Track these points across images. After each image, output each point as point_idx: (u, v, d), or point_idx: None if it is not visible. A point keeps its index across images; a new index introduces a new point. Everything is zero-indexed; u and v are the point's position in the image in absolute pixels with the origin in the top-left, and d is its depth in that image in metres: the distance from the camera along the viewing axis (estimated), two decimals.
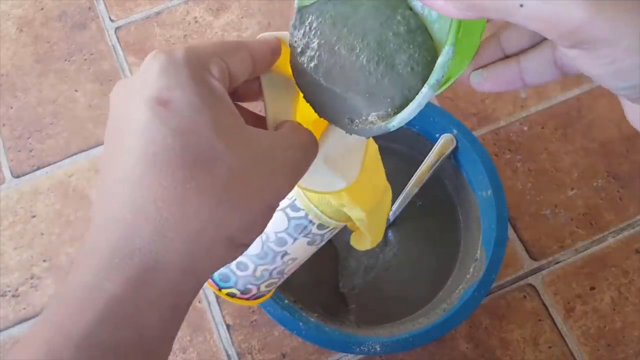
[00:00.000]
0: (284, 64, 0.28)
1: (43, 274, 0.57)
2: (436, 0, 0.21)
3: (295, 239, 0.37)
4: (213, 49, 0.24)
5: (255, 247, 0.38)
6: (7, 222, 0.59)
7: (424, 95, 0.23)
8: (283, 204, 0.35)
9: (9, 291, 0.56)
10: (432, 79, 0.23)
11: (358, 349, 0.47)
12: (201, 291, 0.56)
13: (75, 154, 0.62)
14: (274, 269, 0.39)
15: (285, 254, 0.38)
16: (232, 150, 0.22)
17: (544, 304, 0.54)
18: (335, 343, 0.47)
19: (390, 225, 0.55)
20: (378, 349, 0.46)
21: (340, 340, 0.47)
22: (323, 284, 0.54)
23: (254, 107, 0.29)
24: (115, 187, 0.22)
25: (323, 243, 0.39)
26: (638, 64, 0.19)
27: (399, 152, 0.58)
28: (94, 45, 0.67)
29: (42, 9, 0.69)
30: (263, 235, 0.37)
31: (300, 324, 0.47)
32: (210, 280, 0.40)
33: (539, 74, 0.27)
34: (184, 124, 0.22)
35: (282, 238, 0.37)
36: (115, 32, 0.68)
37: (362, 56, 0.25)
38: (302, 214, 0.35)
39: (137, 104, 0.22)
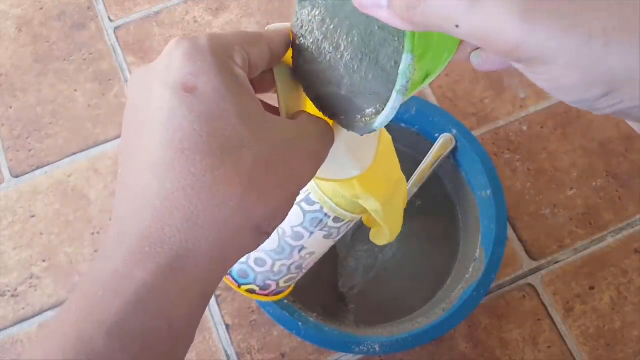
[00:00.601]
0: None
1: (42, 273, 0.57)
2: (381, 12, 0.21)
3: (311, 233, 0.37)
4: (236, 39, 0.24)
5: (272, 243, 0.38)
6: (7, 222, 0.59)
7: (394, 100, 0.23)
8: (298, 198, 0.35)
9: (8, 291, 0.56)
10: (398, 84, 0.23)
11: (357, 348, 0.47)
12: None
13: (75, 153, 0.62)
14: (292, 263, 0.39)
15: (302, 248, 0.38)
16: (257, 138, 0.22)
17: (543, 304, 0.54)
18: (335, 343, 0.47)
19: None
20: (377, 348, 0.46)
21: (339, 340, 0.47)
22: (322, 283, 0.54)
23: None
24: (141, 175, 0.22)
25: (340, 236, 0.39)
26: (576, 82, 0.19)
27: (398, 151, 0.57)
28: (93, 45, 0.67)
29: (42, 8, 0.69)
30: (279, 230, 0.38)
31: (300, 323, 0.47)
32: (228, 276, 0.40)
33: None
34: (210, 110, 0.22)
35: (299, 232, 0.37)
36: (114, 32, 0.68)
37: (347, 54, 0.25)
38: (317, 207, 0.36)
39: (161, 91, 0.22)
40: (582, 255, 0.56)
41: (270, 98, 0.29)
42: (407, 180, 0.54)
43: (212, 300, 0.55)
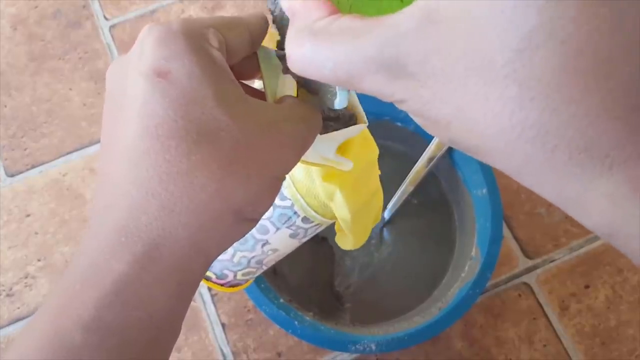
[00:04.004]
0: (272, 38, 0.28)
1: (37, 273, 0.57)
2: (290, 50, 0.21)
3: (277, 229, 0.36)
4: (211, 21, 0.24)
5: None
6: (2, 221, 0.59)
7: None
8: None
9: (3, 290, 0.56)
10: None
11: (353, 347, 0.47)
12: (196, 291, 0.55)
13: (70, 152, 0.62)
14: (253, 257, 0.38)
15: (266, 243, 0.37)
16: (236, 121, 0.22)
17: (538, 303, 0.55)
18: (331, 342, 0.47)
19: (386, 223, 0.55)
20: (373, 347, 0.47)
21: (335, 339, 0.47)
22: (318, 282, 0.54)
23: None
24: (118, 164, 0.22)
25: (306, 239, 0.38)
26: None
27: (394, 150, 0.58)
28: (88, 44, 0.67)
29: (36, 7, 0.69)
30: None
31: (296, 322, 0.47)
32: None
33: None
34: (185, 95, 0.21)
35: (265, 226, 0.36)
36: (109, 31, 0.67)
37: None
38: (288, 203, 0.35)
39: (135, 78, 0.22)
40: (577, 254, 0.56)
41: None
42: (403, 179, 0.54)
43: (208, 300, 0.55)
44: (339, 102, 0.25)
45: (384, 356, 0.53)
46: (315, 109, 0.27)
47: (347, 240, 0.37)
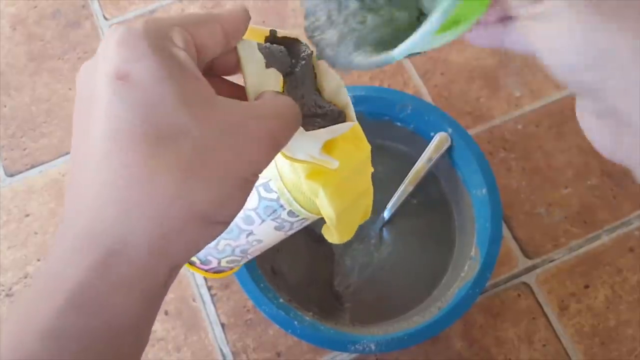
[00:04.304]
0: (261, 34, 0.28)
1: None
2: None
3: (263, 220, 0.36)
4: (176, 20, 0.23)
5: None
6: (1, 221, 0.59)
7: (433, 21, 0.22)
8: (257, 182, 0.35)
9: (3, 290, 0.56)
10: (441, 6, 0.22)
11: (353, 347, 0.47)
12: (195, 290, 0.55)
13: (69, 152, 0.62)
14: (237, 246, 0.38)
15: (250, 233, 0.37)
16: (198, 122, 0.21)
17: (538, 303, 0.55)
18: (330, 342, 0.47)
19: (386, 223, 0.55)
20: (373, 347, 0.47)
21: (335, 338, 0.47)
22: (318, 282, 0.54)
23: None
24: (82, 168, 0.21)
25: (292, 232, 0.38)
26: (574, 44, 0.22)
27: (394, 150, 0.58)
28: (88, 44, 0.67)
29: (36, 7, 0.69)
30: None
31: (295, 322, 0.47)
32: None
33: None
34: (145, 97, 0.21)
35: (250, 216, 0.36)
36: None
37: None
38: (274, 196, 0.34)
39: (98, 81, 0.21)
40: (576, 254, 0.56)
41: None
42: (403, 179, 0.54)
43: (208, 300, 0.55)
44: (413, 43, 0.23)
45: (383, 356, 0.53)
46: (293, 105, 0.26)
47: (331, 235, 0.37)
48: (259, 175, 0.24)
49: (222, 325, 0.54)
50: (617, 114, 0.23)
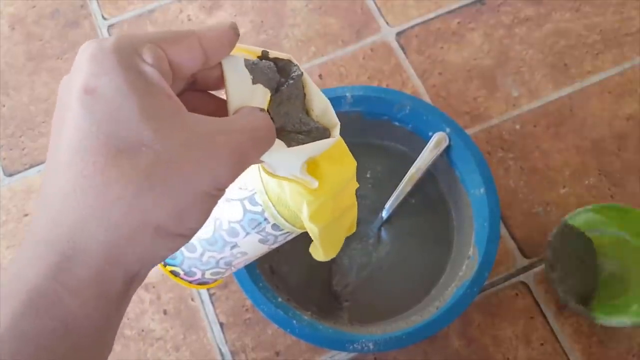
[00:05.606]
0: (252, 54, 0.28)
1: None
2: None
3: (247, 233, 0.36)
4: (148, 37, 0.24)
5: (206, 232, 0.37)
6: (0, 220, 0.59)
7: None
8: (242, 194, 0.35)
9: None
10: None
11: (351, 346, 0.47)
12: (194, 290, 0.56)
13: None
14: (222, 258, 0.38)
15: (235, 245, 0.37)
16: (160, 136, 0.22)
17: (536, 302, 0.55)
18: (329, 341, 0.47)
19: (384, 223, 0.55)
20: (371, 346, 0.47)
21: (333, 338, 0.47)
22: (316, 282, 0.54)
23: None
24: (50, 177, 0.22)
25: (276, 245, 0.38)
26: None
27: (392, 150, 0.58)
28: None
29: (34, 6, 0.69)
30: (217, 222, 0.36)
31: (294, 322, 0.47)
32: None
33: None
34: (109, 111, 0.21)
35: (235, 229, 0.36)
36: (108, 30, 0.67)
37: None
38: (259, 209, 0.34)
39: (70, 94, 0.22)
40: None
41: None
42: (401, 178, 0.55)
43: (206, 299, 0.55)
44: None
45: (381, 355, 0.53)
46: (267, 121, 0.26)
47: (317, 251, 0.37)
48: (224, 189, 0.24)
49: (221, 324, 0.55)
50: None
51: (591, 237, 0.53)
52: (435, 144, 0.53)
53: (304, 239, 0.39)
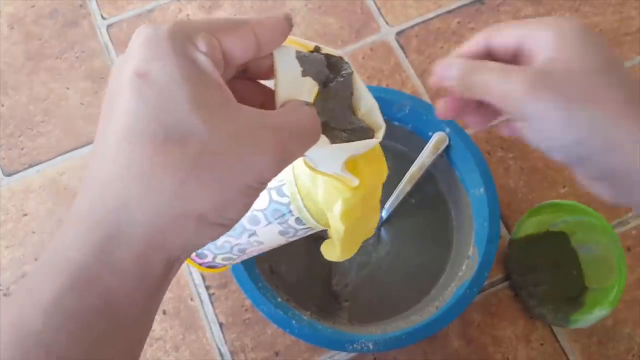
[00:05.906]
0: (304, 48, 0.28)
1: None
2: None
3: (269, 223, 0.36)
4: (203, 25, 0.24)
5: None
6: None
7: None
8: (270, 184, 0.34)
9: (0, 290, 0.56)
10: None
11: (351, 346, 0.47)
12: (193, 290, 0.55)
13: (67, 152, 0.62)
14: (237, 244, 0.38)
15: (253, 233, 0.37)
16: (209, 126, 0.22)
17: None
18: (328, 341, 0.47)
19: (384, 222, 0.55)
20: (371, 346, 0.47)
21: (333, 338, 0.47)
22: (316, 281, 0.54)
23: None
24: (96, 160, 0.22)
25: (295, 239, 0.38)
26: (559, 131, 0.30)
27: (392, 149, 0.58)
28: (85, 43, 0.67)
29: (33, 6, 0.69)
30: None
31: (293, 322, 0.47)
32: None
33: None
34: (160, 97, 0.21)
35: (257, 217, 0.36)
36: (107, 30, 0.67)
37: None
38: (285, 200, 0.34)
39: (122, 78, 0.22)
40: None
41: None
42: (401, 178, 0.55)
43: (206, 299, 0.55)
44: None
45: (381, 355, 0.53)
46: (314, 117, 0.26)
47: (333, 251, 0.37)
48: (267, 183, 0.24)
49: (220, 324, 0.54)
50: (610, 175, 0.30)
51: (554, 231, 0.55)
52: (435, 143, 0.53)
53: (304, 239, 0.39)
